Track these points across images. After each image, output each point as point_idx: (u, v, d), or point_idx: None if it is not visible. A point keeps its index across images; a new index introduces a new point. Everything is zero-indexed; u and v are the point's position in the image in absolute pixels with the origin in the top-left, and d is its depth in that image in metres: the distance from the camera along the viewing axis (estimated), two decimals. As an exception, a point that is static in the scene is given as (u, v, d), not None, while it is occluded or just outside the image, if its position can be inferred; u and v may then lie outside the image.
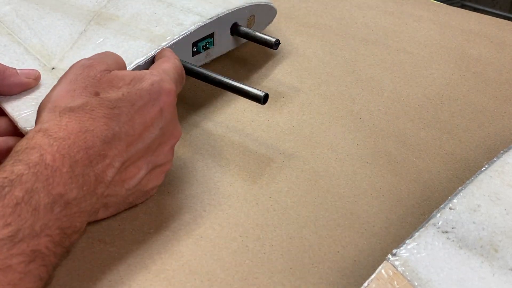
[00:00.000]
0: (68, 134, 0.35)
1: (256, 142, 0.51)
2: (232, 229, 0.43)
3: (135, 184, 0.40)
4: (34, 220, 0.32)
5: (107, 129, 0.36)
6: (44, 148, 0.34)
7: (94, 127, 0.36)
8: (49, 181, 0.33)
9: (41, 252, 0.32)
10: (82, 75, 0.39)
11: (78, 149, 0.35)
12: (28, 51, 0.49)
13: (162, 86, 0.40)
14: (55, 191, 0.33)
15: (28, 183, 0.32)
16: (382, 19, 0.70)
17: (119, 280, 0.39)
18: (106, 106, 0.37)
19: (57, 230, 0.33)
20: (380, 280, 0.35)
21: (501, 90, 0.59)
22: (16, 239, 0.31)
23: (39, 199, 0.32)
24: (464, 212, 0.38)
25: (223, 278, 0.39)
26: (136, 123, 0.38)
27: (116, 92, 0.38)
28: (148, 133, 0.39)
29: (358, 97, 0.57)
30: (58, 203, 0.33)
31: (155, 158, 0.41)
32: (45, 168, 0.33)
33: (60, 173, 0.34)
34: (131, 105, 0.38)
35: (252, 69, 0.60)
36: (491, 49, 0.65)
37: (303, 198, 0.46)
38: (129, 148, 0.38)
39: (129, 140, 0.38)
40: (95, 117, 0.36)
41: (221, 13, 0.53)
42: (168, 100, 0.40)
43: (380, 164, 0.50)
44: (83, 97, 0.37)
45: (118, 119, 0.37)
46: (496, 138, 0.53)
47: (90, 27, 0.51)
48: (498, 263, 0.35)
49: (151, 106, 0.39)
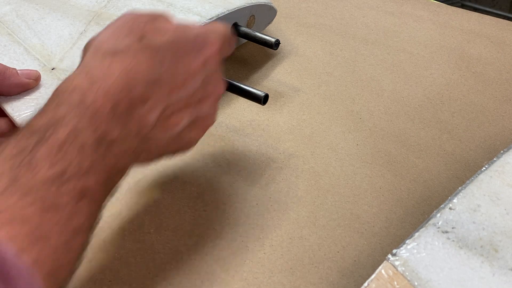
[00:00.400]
0: (110, 74, 0.35)
1: (256, 142, 0.51)
2: (232, 229, 0.43)
3: (177, 132, 0.39)
4: (81, 159, 0.32)
5: (150, 72, 0.36)
6: (85, 89, 0.34)
7: (137, 69, 0.36)
8: (92, 121, 0.33)
9: (90, 190, 0.32)
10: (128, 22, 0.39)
11: (121, 89, 0.35)
12: (28, 51, 0.49)
13: (207, 38, 0.40)
14: (99, 130, 0.33)
15: (71, 123, 0.33)
16: (382, 19, 0.70)
17: (119, 280, 0.39)
18: (150, 50, 0.37)
19: (103, 169, 0.33)
20: (380, 280, 0.35)
21: (501, 90, 0.59)
22: (64, 178, 0.31)
23: (84, 138, 0.33)
24: (464, 212, 0.38)
25: (223, 278, 0.39)
26: (179, 70, 0.38)
27: (161, 37, 0.38)
28: (191, 82, 0.39)
29: (358, 97, 0.57)
30: (103, 142, 0.33)
31: (198, 110, 0.40)
32: (87, 108, 0.33)
33: (102, 113, 0.34)
34: (175, 52, 0.38)
35: (252, 69, 0.60)
36: (491, 49, 0.65)
37: (303, 198, 0.46)
38: (171, 95, 0.38)
39: (171, 87, 0.38)
40: (139, 60, 0.36)
41: (221, 13, 0.53)
42: (211, 51, 0.40)
43: (380, 164, 0.50)
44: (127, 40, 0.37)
45: (161, 64, 0.37)
46: (496, 138, 0.53)
47: (90, 27, 0.51)
48: (498, 263, 0.35)
49: (194, 55, 0.39)
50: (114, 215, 0.43)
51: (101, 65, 0.36)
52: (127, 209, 0.43)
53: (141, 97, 0.36)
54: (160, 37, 0.38)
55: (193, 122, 0.41)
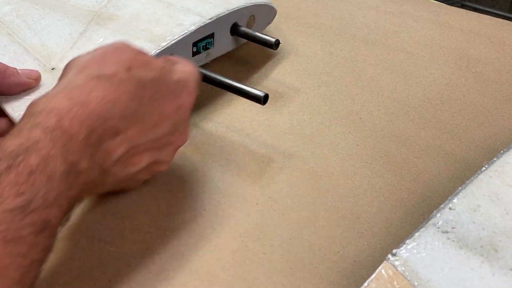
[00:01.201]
0: (90, 100, 0.35)
1: (256, 142, 0.51)
2: (232, 229, 0.43)
3: (134, 172, 0.40)
4: (48, 189, 0.31)
5: (127, 107, 0.36)
6: (62, 112, 0.34)
7: (116, 100, 0.36)
8: (65, 148, 0.33)
9: (50, 223, 0.32)
10: (120, 49, 0.39)
11: (97, 118, 0.35)
12: (28, 51, 0.49)
13: (187, 85, 0.41)
14: (70, 158, 0.33)
15: (45, 149, 0.32)
16: (382, 19, 0.70)
17: (119, 280, 0.39)
18: (133, 83, 0.37)
19: (66, 200, 0.33)
20: (380, 280, 0.35)
21: (501, 90, 0.59)
22: (29, 209, 0.30)
23: (55, 166, 0.32)
24: (464, 212, 0.38)
25: (223, 278, 0.39)
26: (155, 110, 0.38)
27: (148, 73, 0.38)
28: (161, 126, 0.39)
29: (358, 97, 0.57)
30: (71, 172, 0.33)
31: (158, 154, 0.41)
32: (62, 133, 0.33)
33: (76, 140, 0.33)
34: (156, 91, 0.38)
35: (252, 69, 0.60)
36: (491, 49, 0.65)
37: (303, 198, 0.46)
38: (141, 134, 0.38)
39: (142, 126, 0.38)
40: (120, 91, 0.36)
41: (221, 13, 0.53)
42: (187, 100, 0.41)
43: (380, 164, 0.50)
44: (114, 68, 0.37)
45: (140, 100, 0.37)
46: (496, 138, 0.53)
47: (90, 27, 0.51)
48: (498, 263, 0.35)
49: (172, 100, 0.39)
50: (114, 215, 0.43)
51: (84, 87, 0.35)
52: (127, 209, 0.43)
53: (113, 129, 0.36)
54: (147, 72, 0.38)
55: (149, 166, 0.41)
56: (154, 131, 0.39)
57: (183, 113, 0.40)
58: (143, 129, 0.38)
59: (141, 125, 0.38)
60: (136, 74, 0.37)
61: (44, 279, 0.38)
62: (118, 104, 0.36)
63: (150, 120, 0.38)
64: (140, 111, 0.37)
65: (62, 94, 0.35)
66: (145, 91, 0.38)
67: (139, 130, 0.38)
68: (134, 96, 0.37)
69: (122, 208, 0.43)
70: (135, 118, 0.37)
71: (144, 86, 0.37)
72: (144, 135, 0.38)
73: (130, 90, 0.37)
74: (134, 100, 0.37)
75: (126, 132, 0.37)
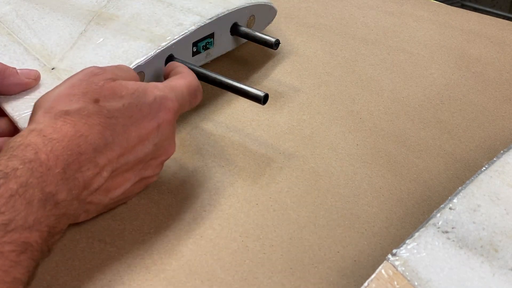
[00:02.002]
0: (62, 136, 0.35)
1: (256, 142, 0.51)
2: (232, 229, 0.43)
3: (119, 194, 0.40)
4: (27, 212, 0.32)
5: (101, 137, 0.36)
6: (38, 147, 0.34)
7: (88, 133, 0.36)
8: (43, 178, 0.33)
9: (31, 245, 0.32)
10: (85, 81, 0.39)
11: (71, 153, 0.35)
12: (28, 51, 0.49)
13: (164, 103, 0.40)
14: (48, 189, 0.33)
15: (23, 177, 0.33)
16: (382, 19, 0.70)
17: (119, 280, 0.39)
18: (103, 115, 0.37)
19: (46, 227, 0.33)
20: (380, 280, 0.35)
21: (501, 90, 0.59)
22: (9, 228, 0.31)
23: (33, 193, 0.33)
24: (464, 212, 0.38)
25: (223, 278, 0.39)
26: (132, 135, 0.38)
27: (117, 102, 0.38)
28: (142, 147, 0.39)
29: (358, 97, 0.57)
30: (50, 201, 0.33)
31: (144, 171, 0.41)
32: (39, 165, 0.33)
33: (53, 173, 0.34)
34: (129, 117, 0.38)
35: (252, 69, 0.60)
36: (491, 49, 0.65)
37: (303, 198, 0.46)
38: (120, 159, 0.38)
39: (121, 151, 0.38)
40: (91, 123, 0.36)
41: (221, 13, 0.53)
42: (166, 117, 0.40)
43: (380, 164, 0.50)
44: (81, 102, 0.37)
45: (113, 129, 0.37)
46: (496, 138, 0.53)
47: (90, 27, 0.51)
48: (498, 263, 0.35)
49: (149, 121, 0.39)
50: (114, 216, 0.43)
51: (54, 125, 0.36)
52: (128, 209, 0.43)
53: (90, 161, 0.36)
54: (116, 101, 0.38)
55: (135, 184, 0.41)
56: (134, 154, 0.39)
57: (164, 131, 0.40)
58: (123, 153, 0.38)
59: (120, 150, 0.37)
60: (105, 105, 0.37)
61: (44, 279, 0.38)
62: (90, 137, 0.36)
63: (128, 145, 0.38)
64: (115, 140, 0.37)
65: (35, 133, 0.35)
66: (117, 120, 0.37)
67: (119, 154, 0.37)
68: (105, 127, 0.37)
69: (122, 209, 0.43)
70: (111, 148, 0.37)
71: (113, 116, 0.37)
72: (124, 158, 0.38)
73: (100, 122, 0.37)
74: (106, 131, 0.37)
75: (103, 161, 0.37)
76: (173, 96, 0.41)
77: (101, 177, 0.37)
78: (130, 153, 0.38)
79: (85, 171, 0.35)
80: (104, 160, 0.37)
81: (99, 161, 0.36)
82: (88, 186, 0.36)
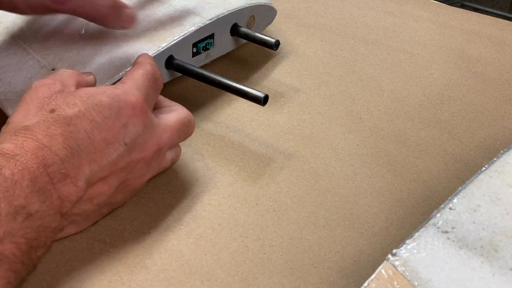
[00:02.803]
0: (25, 152, 0.34)
1: (256, 142, 0.51)
2: (232, 229, 0.43)
3: (104, 199, 0.39)
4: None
5: (65, 147, 0.35)
6: (1, 164, 0.33)
7: (51, 144, 0.35)
8: (9, 192, 0.32)
9: (7, 257, 0.31)
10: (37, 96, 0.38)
11: (37, 165, 0.34)
12: (28, 51, 0.49)
13: (125, 99, 0.38)
14: (16, 202, 0.32)
15: None
16: (382, 19, 0.70)
17: (119, 280, 0.39)
18: (62, 123, 0.36)
19: (22, 239, 0.32)
20: (380, 280, 0.35)
21: (501, 90, 0.59)
22: None
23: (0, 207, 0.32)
24: (464, 212, 0.38)
25: (223, 278, 0.39)
26: (96, 139, 0.37)
27: (72, 108, 0.37)
28: (112, 149, 0.37)
29: (358, 97, 0.57)
30: (20, 213, 0.32)
31: (126, 175, 0.39)
32: (4, 180, 0.32)
33: (21, 186, 0.33)
34: (89, 122, 0.37)
35: (252, 69, 0.60)
36: (491, 49, 0.65)
37: (303, 198, 0.46)
38: (92, 165, 0.36)
39: (90, 158, 0.36)
40: (52, 134, 0.35)
41: (221, 13, 0.53)
42: (132, 113, 0.38)
43: (380, 164, 0.50)
44: (38, 116, 0.36)
45: (75, 136, 0.36)
46: (496, 138, 0.53)
47: (90, 28, 0.51)
48: (498, 263, 0.35)
49: (113, 121, 0.37)
50: (114, 216, 0.43)
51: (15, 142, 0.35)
52: (127, 209, 0.43)
53: (59, 173, 0.35)
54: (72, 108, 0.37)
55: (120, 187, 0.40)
56: (106, 157, 0.37)
57: (133, 128, 0.38)
58: (92, 160, 0.36)
59: (89, 157, 0.36)
60: (61, 114, 0.36)
61: (44, 279, 0.38)
62: (54, 148, 0.35)
63: (96, 150, 0.37)
64: (80, 147, 0.36)
65: None
66: (77, 127, 0.36)
67: (88, 162, 0.36)
68: (67, 136, 0.36)
69: (122, 210, 0.43)
70: (78, 156, 0.36)
71: (72, 123, 0.36)
72: (96, 164, 0.37)
73: (61, 132, 0.36)
74: (68, 141, 0.36)
75: (74, 170, 0.35)
76: (134, 89, 0.39)
77: (75, 187, 0.35)
78: (101, 158, 0.37)
79: (56, 183, 0.34)
80: (75, 170, 0.35)
81: (69, 172, 0.35)
82: (65, 199, 0.35)
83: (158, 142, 0.41)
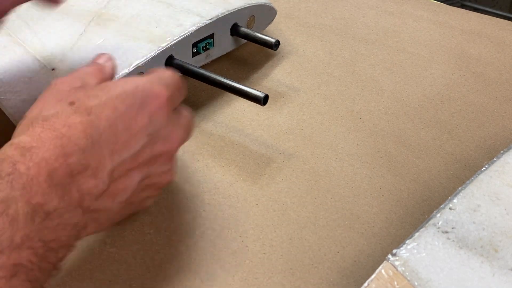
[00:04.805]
0: (42, 143, 0.32)
1: (256, 142, 0.51)
2: (232, 229, 0.43)
3: (127, 196, 0.37)
4: (13, 231, 0.29)
5: (85, 136, 0.33)
6: (16, 159, 0.31)
7: (70, 134, 0.33)
8: (26, 190, 0.30)
9: (24, 266, 0.29)
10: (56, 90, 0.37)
11: (56, 157, 0.32)
12: (28, 51, 0.49)
13: (150, 88, 0.37)
14: (34, 200, 0.30)
15: (3, 192, 0.30)
16: (382, 19, 0.70)
17: (119, 281, 0.39)
18: (82, 113, 0.34)
19: (39, 242, 0.30)
20: (380, 280, 0.35)
21: (501, 90, 0.59)
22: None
23: (17, 208, 0.30)
24: (464, 212, 0.38)
25: (223, 278, 0.39)
26: (119, 129, 0.35)
27: (94, 100, 0.35)
28: (135, 140, 0.35)
29: (358, 97, 0.57)
30: (38, 213, 0.30)
31: (149, 170, 0.38)
32: (19, 177, 0.31)
33: (38, 181, 0.31)
34: (112, 110, 0.35)
35: (252, 69, 0.60)
36: (491, 49, 0.65)
37: (303, 198, 0.46)
38: (114, 157, 0.34)
39: (112, 148, 0.34)
40: (71, 123, 0.33)
41: (221, 13, 0.53)
42: (157, 103, 0.37)
43: (380, 164, 0.50)
44: (57, 107, 0.35)
45: (96, 126, 0.34)
46: (496, 138, 0.53)
47: (90, 28, 0.51)
48: (498, 263, 0.35)
49: (136, 110, 0.36)
50: (114, 215, 0.43)
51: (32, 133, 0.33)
52: (127, 209, 0.43)
53: (80, 164, 0.33)
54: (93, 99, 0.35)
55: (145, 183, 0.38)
56: (129, 148, 0.35)
57: (157, 118, 0.37)
58: (114, 151, 0.34)
59: (110, 148, 0.34)
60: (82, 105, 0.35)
61: (44, 279, 0.38)
62: (74, 138, 0.33)
63: (118, 140, 0.35)
64: (101, 136, 0.34)
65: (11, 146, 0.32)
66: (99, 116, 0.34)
67: (110, 153, 0.34)
68: (87, 125, 0.34)
69: (122, 209, 0.43)
70: (98, 146, 0.34)
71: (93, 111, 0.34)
72: (118, 156, 0.35)
73: (81, 121, 0.34)
74: (89, 130, 0.34)
75: (94, 161, 0.33)
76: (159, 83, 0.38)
77: (96, 179, 0.34)
78: (123, 150, 0.35)
79: (76, 175, 0.33)
80: (95, 161, 0.33)
81: (90, 162, 0.33)
82: (86, 192, 0.33)
83: (182, 136, 0.39)
